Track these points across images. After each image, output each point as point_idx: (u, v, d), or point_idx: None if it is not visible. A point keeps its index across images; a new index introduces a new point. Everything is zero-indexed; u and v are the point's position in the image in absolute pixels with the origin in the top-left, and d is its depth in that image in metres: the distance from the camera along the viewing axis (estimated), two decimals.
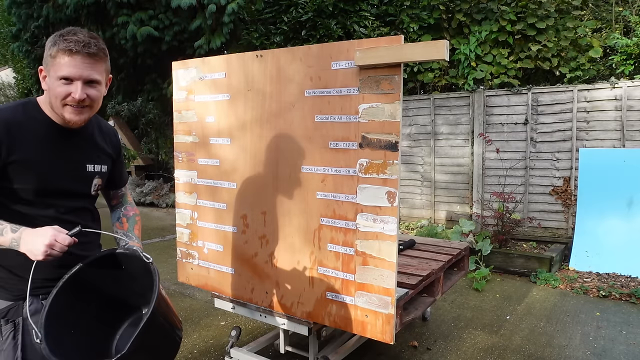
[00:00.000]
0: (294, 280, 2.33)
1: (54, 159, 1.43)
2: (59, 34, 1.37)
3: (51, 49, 1.36)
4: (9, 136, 1.34)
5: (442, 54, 1.78)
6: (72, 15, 7.59)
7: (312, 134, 2.20)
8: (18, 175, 1.37)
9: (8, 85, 14.39)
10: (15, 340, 1.39)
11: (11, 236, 1.28)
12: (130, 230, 1.70)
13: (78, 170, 1.50)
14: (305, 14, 6.85)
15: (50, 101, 1.40)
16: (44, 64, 1.39)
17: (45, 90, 1.41)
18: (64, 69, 1.35)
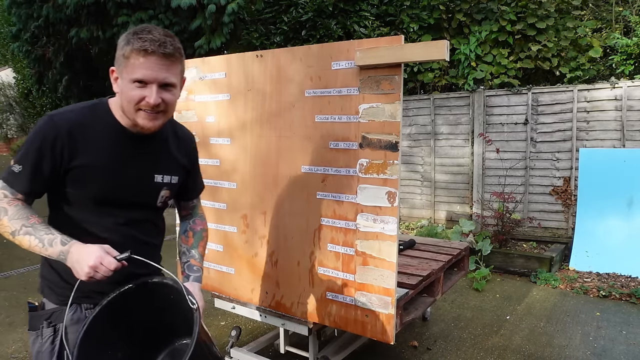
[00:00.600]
0: (294, 280, 2.33)
1: (119, 167, 1.34)
2: (133, 31, 1.26)
3: (124, 48, 1.25)
4: (72, 140, 1.27)
5: (442, 54, 1.78)
6: (72, 15, 7.58)
7: (312, 134, 2.20)
8: (79, 181, 1.30)
9: (8, 85, 14.39)
10: (54, 345, 1.35)
11: (60, 249, 1.21)
12: (193, 246, 1.59)
13: (144, 181, 1.40)
14: (305, 14, 6.85)
15: (122, 105, 1.30)
16: (116, 64, 1.29)
17: (117, 93, 1.30)
18: (138, 71, 1.24)
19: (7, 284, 4.50)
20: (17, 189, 1.27)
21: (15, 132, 15.21)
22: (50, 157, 1.26)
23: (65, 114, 1.30)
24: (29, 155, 1.25)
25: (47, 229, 1.24)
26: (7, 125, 15.08)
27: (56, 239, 1.22)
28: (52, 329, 1.35)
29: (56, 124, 1.26)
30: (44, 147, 1.25)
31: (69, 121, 1.28)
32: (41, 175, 1.27)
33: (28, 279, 4.61)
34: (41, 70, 9.58)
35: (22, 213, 1.25)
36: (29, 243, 1.23)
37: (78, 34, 7.75)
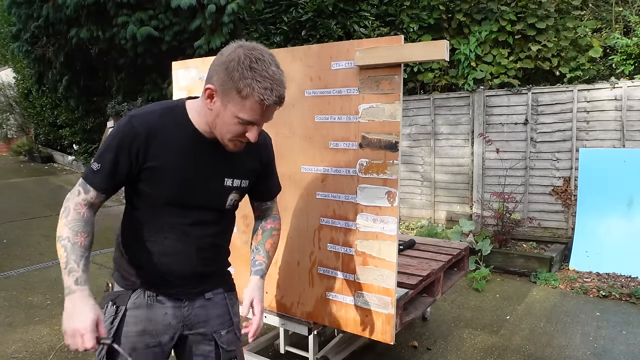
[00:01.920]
0: (294, 280, 2.33)
1: (192, 170, 1.37)
2: (258, 74, 1.21)
3: (241, 83, 1.21)
4: (148, 142, 1.31)
5: (442, 54, 1.78)
6: (72, 15, 7.58)
7: (312, 134, 2.20)
8: (152, 181, 1.35)
9: (8, 85, 14.38)
10: (113, 325, 1.40)
11: (69, 284, 1.24)
12: (261, 243, 1.61)
13: (215, 184, 1.42)
14: (305, 14, 6.85)
15: (214, 126, 1.31)
16: (221, 88, 1.24)
17: (210, 110, 1.29)
18: (249, 114, 1.25)
19: (7, 284, 4.50)
20: (93, 185, 1.32)
21: (15, 132, 15.20)
22: (127, 158, 1.31)
23: (144, 116, 1.34)
24: (107, 155, 1.31)
25: (81, 257, 1.27)
26: (7, 125, 15.07)
27: (76, 273, 1.25)
28: (114, 309, 1.42)
29: (135, 127, 1.31)
30: (122, 147, 1.30)
31: (147, 124, 1.32)
32: (116, 174, 1.32)
33: (28, 279, 4.61)
34: (41, 70, 9.59)
35: (76, 225, 1.29)
36: (60, 257, 1.27)
37: (78, 34, 7.75)
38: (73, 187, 1.35)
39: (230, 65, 1.23)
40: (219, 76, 1.25)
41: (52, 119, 12.36)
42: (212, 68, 1.28)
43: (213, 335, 1.53)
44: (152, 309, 1.44)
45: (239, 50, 1.24)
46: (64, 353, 3.14)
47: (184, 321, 1.49)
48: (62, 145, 12.66)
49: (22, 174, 11.13)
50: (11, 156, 14.04)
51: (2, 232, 6.32)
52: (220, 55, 1.28)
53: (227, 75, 1.23)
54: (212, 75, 1.28)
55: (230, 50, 1.26)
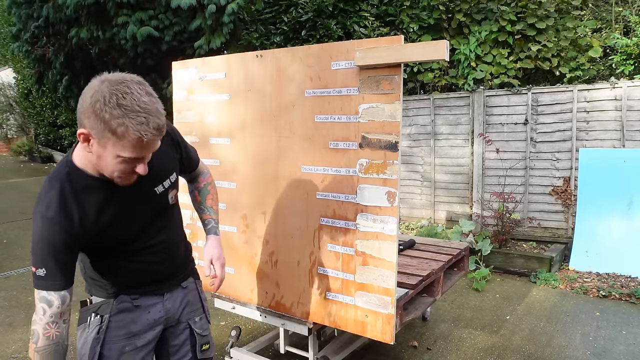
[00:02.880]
0: (294, 280, 2.33)
1: (125, 208, 1.38)
2: (129, 110, 1.15)
3: (113, 123, 1.15)
4: (75, 221, 1.29)
5: (442, 54, 1.78)
6: (72, 15, 7.58)
7: (312, 134, 2.20)
8: (101, 242, 1.36)
9: (8, 86, 14.38)
10: (99, 334, 1.43)
11: None
12: (202, 202, 1.74)
13: (150, 199, 1.44)
14: (305, 14, 6.85)
15: (100, 167, 1.28)
16: (94, 132, 1.18)
17: (89, 152, 1.25)
18: (131, 152, 1.21)
19: (7, 284, 4.50)
20: (52, 289, 1.28)
21: (15, 132, 15.20)
22: (67, 250, 1.29)
23: (52, 205, 1.26)
24: (45, 259, 1.26)
25: None
26: (7, 125, 15.07)
27: None
28: (99, 318, 1.44)
29: (53, 219, 1.26)
30: (55, 245, 1.27)
31: (61, 212, 1.27)
32: (66, 266, 1.30)
33: (28, 279, 4.61)
34: (41, 70, 9.58)
35: (45, 354, 1.27)
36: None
37: (78, 34, 7.74)
38: (35, 307, 1.29)
39: (96, 106, 1.15)
40: (89, 121, 1.18)
41: (52, 119, 12.36)
42: (80, 112, 1.21)
43: (188, 323, 1.61)
44: (136, 310, 1.48)
45: (103, 88, 1.16)
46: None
47: (166, 314, 1.55)
48: (62, 145, 12.66)
49: (22, 174, 11.12)
50: (11, 156, 14.04)
51: (2, 232, 6.32)
52: (85, 97, 1.20)
53: (96, 118, 1.16)
54: (82, 120, 1.20)
55: (93, 89, 1.18)
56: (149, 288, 1.51)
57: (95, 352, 1.42)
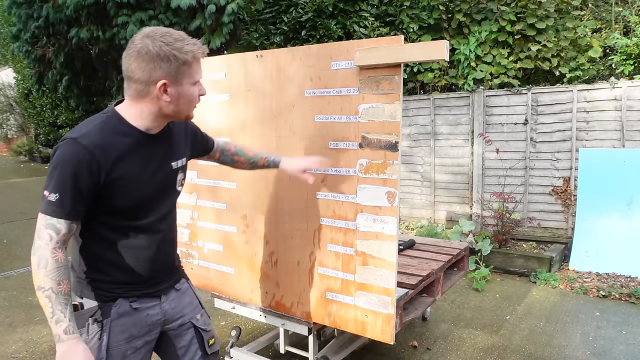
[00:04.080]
0: (294, 280, 2.33)
1: (146, 167, 1.43)
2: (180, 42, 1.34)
3: (181, 56, 1.33)
4: (103, 158, 1.31)
5: (442, 54, 1.78)
6: (72, 15, 7.58)
7: (312, 134, 2.20)
8: (118, 193, 1.36)
9: (8, 86, 14.38)
10: (101, 340, 1.42)
11: (58, 332, 1.29)
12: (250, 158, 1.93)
13: (165, 171, 1.51)
14: (305, 14, 6.85)
15: (178, 110, 1.41)
16: (170, 75, 1.34)
17: (167, 102, 1.37)
18: (199, 72, 1.42)
19: (7, 284, 4.50)
20: (62, 216, 1.29)
21: (15, 132, 15.20)
22: (89, 181, 1.30)
23: (88, 134, 1.32)
24: (63, 185, 1.28)
25: (65, 305, 1.30)
26: (7, 125, 15.06)
27: (63, 323, 1.29)
28: (99, 325, 1.42)
29: (85, 147, 1.29)
30: (79, 173, 1.28)
31: (95, 141, 1.31)
32: (83, 198, 1.31)
33: (28, 279, 4.61)
34: (41, 70, 9.58)
35: (57, 274, 1.29)
36: (44, 305, 1.30)
37: (78, 34, 7.75)
38: (35, 234, 1.30)
39: (162, 51, 1.31)
40: (161, 69, 1.33)
41: (52, 119, 12.36)
42: (146, 69, 1.32)
43: (191, 322, 1.64)
44: (136, 314, 1.48)
45: (149, 40, 1.32)
46: None
47: (164, 316, 1.56)
48: None
49: (22, 174, 11.13)
50: (11, 156, 14.04)
51: (2, 232, 6.32)
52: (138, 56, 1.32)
53: (168, 61, 1.32)
54: (150, 74, 1.33)
55: (145, 44, 1.32)
56: (149, 290, 1.51)
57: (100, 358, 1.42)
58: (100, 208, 1.37)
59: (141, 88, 1.35)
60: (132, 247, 1.45)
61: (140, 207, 1.44)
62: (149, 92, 1.36)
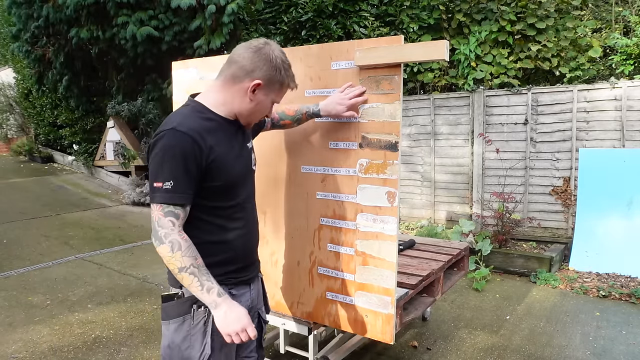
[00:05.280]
0: (294, 280, 2.33)
1: (234, 149, 1.54)
2: (285, 63, 1.51)
3: (282, 76, 1.50)
4: (202, 142, 1.40)
5: (442, 54, 1.78)
6: (72, 15, 7.58)
7: (312, 134, 2.20)
8: (217, 172, 1.45)
9: (8, 86, 14.37)
10: (206, 326, 1.47)
11: (214, 298, 1.39)
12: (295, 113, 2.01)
13: (246, 151, 1.62)
14: (305, 14, 6.85)
15: (250, 113, 1.54)
16: (267, 84, 1.48)
17: (250, 100, 1.49)
18: (282, 98, 1.58)
19: (7, 284, 4.50)
20: (179, 201, 1.38)
21: (15, 132, 15.19)
22: (195, 164, 1.39)
23: (183, 123, 1.41)
24: (175, 170, 1.36)
25: (208, 274, 1.40)
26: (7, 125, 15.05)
27: (214, 288, 1.39)
28: (204, 311, 1.47)
29: (185, 133, 1.38)
30: (187, 157, 1.37)
31: (192, 127, 1.41)
32: (193, 181, 1.40)
33: (28, 279, 4.61)
34: (41, 70, 9.58)
35: (192, 251, 1.38)
36: (191, 282, 1.38)
37: (78, 34, 7.75)
38: (156, 225, 1.37)
39: (276, 62, 1.47)
40: (263, 71, 1.46)
41: (52, 119, 12.35)
42: (256, 61, 1.46)
43: (258, 312, 1.73)
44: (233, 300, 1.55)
45: (272, 48, 1.48)
46: (64, 353, 3.14)
47: (252, 303, 1.65)
48: (62, 145, 12.64)
49: (22, 174, 11.12)
50: (11, 156, 14.03)
51: (2, 232, 6.32)
52: (257, 50, 1.46)
53: (273, 70, 1.47)
54: (253, 70, 1.46)
55: (269, 48, 1.47)
56: (242, 276, 1.59)
57: (205, 344, 1.47)
58: (201, 191, 1.44)
59: (239, 74, 1.47)
60: (225, 228, 1.52)
61: (233, 185, 1.52)
62: (241, 82, 1.47)
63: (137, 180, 8.89)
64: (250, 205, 1.65)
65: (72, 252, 5.52)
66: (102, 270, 4.86)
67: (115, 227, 6.77)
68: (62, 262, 5.16)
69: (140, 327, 3.52)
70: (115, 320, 3.64)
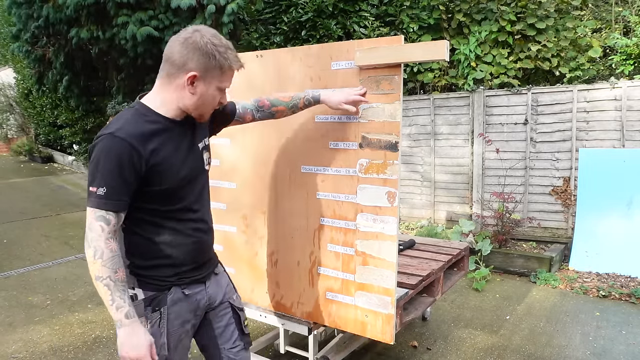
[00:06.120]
0: (294, 280, 2.33)
1: (180, 152, 1.51)
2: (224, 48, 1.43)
3: (221, 60, 1.42)
4: (141, 147, 1.38)
5: (442, 54, 1.78)
6: (72, 15, 7.58)
7: (312, 134, 2.20)
8: (158, 177, 1.43)
9: (8, 86, 14.37)
10: (161, 327, 1.50)
11: (119, 317, 1.35)
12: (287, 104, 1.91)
13: (195, 153, 1.58)
14: (305, 14, 6.85)
15: (197, 107, 1.47)
16: (203, 72, 1.42)
17: (192, 94, 1.44)
18: (228, 82, 1.50)
19: (7, 284, 4.50)
20: (112, 208, 1.36)
21: (15, 132, 15.19)
22: (132, 170, 1.37)
23: (123, 127, 1.38)
24: (109, 176, 1.34)
25: (123, 291, 1.37)
26: (7, 125, 15.06)
27: (123, 309, 1.36)
28: (158, 313, 1.50)
29: (123, 139, 1.36)
30: (122, 164, 1.35)
31: (130, 132, 1.38)
32: (128, 188, 1.38)
33: (28, 279, 4.61)
34: (41, 70, 9.58)
35: (113, 263, 1.36)
36: (103, 294, 1.36)
37: (78, 34, 7.74)
38: (87, 229, 1.36)
39: (207, 48, 1.39)
40: (198, 62, 1.40)
41: (52, 119, 12.35)
42: (183, 57, 1.40)
43: (229, 302, 1.73)
44: (187, 300, 1.57)
45: (201, 34, 1.41)
46: (64, 353, 3.14)
47: (209, 299, 1.66)
48: (62, 145, 12.65)
49: (22, 174, 11.12)
50: (11, 156, 14.03)
51: (2, 232, 6.32)
52: (184, 45, 1.40)
53: (207, 58, 1.40)
54: (185, 63, 1.40)
55: (191, 37, 1.41)
56: (197, 275, 1.59)
57: (162, 344, 1.50)
58: (143, 196, 1.43)
59: (173, 71, 1.43)
60: (175, 230, 1.51)
61: (178, 189, 1.50)
62: (177, 78, 1.43)
63: None
64: (200, 205, 1.60)
65: (72, 252, 5.52)
66: None
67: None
68: (62, 262, 5.16)
69: None
70: None
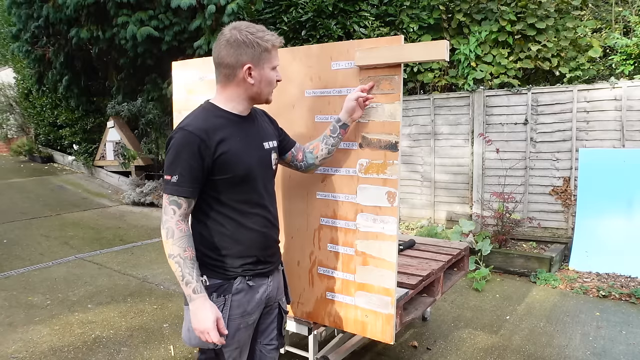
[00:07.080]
0: (294, 280, 2.33)
1: (245, 145, 1.61)
2: (261, 31, 1.57)
3: (263, 43, 1.55)
4: (208, 139, 1.51)
5: (442, 54, 1.78)
6: (72, 15, 7.58)
7: (312, 134, 2.20)
8: (225, 167, 1.54)
9: (8, 86, 14.37)
10: (224, 313, 1.57)
11: (189, 293, 1.49)
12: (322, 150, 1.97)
13: (260, 149, 1.68)
14: (305, 14, 6.85)
15: (260, 92, 1.62)
16: (254, 60, 1.56)
17: (252, 84, 1.58)
18: (276, 60, 1.62)
19: (7, 284, 4.50)
20: (183, 194, 1.50)
21: (15, 132, 15.18)
22: (199, 161, 1.50)
23: (193, 122, 1.54)
24: (180, 165, 1.49)
25: (192, 268, 1.50)
26: (7, 125, 15.04)
27: (192, 284, 1.49)
28: (222, 299, 1.59)
29: (192, 132, 1.50)
30: (191, 154, 1.49)
31: (200, 126, 1.52)
32: (196, 177, 1.51)
33: (28, 279, 4.61)
34: (41, 70, 9.58)
35: (182, 242, 1.50)
36: (175, 270, 1.50)
37: (78, 34, 7.74)
38: (163, 212, 1.51)
39: (248, 39, 1.54)
40: (247, 55, 1.55)
41: (52, 119, 12.34)
42: (233, 55, 1.55)
43: (278, 302, 1.82)
44: (250, 292, 1.64)
45: (237, 31, 1.55)
46: (64, 353, 3.14)
47: (268, 294, 1.72)
48: (62, 145, 12.64)
49: (22, 174, 11.12)
50: (11, 156, 14.03)
51: (2, 232, 6.32)
52: (227, 44, 1.55)
53: (251, 48, 1.55)
54: (237, 61, 1.55)
55: (233, 34, 1.55)
56: (262, 268, 1.67)
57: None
58: (212, 185, 1.55)
59: (229, 72, 1.57)
60: (241, 223, 1.60)
61: (244, 179, 1.59)
62: (236, 76, 1.57)
63: (137, 180, 8.89)
64: (266, 202, 1.68)
65: (72, 252, 5.52)
66: (102, 270, 4.86)
67: (115, 227, 6.77)
68: (62, 262, 5.16)
69: (140, 327, 3.52)
70: (115, 320, 3.64)
